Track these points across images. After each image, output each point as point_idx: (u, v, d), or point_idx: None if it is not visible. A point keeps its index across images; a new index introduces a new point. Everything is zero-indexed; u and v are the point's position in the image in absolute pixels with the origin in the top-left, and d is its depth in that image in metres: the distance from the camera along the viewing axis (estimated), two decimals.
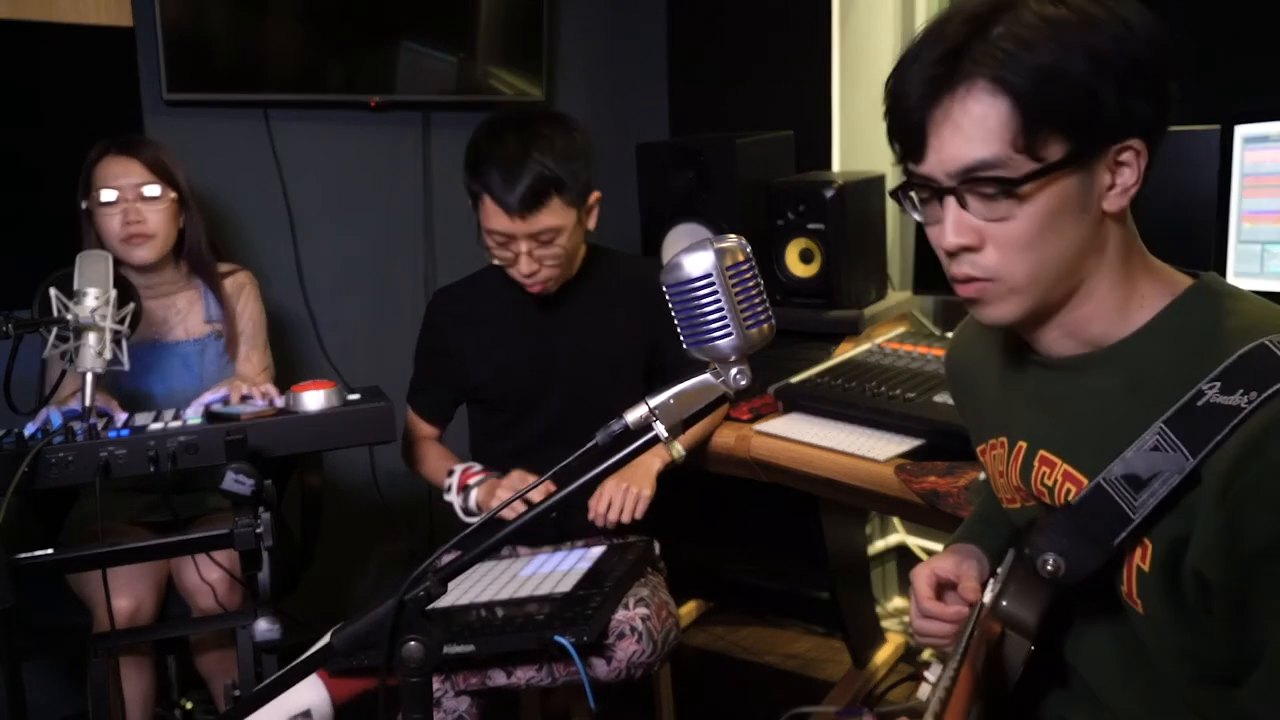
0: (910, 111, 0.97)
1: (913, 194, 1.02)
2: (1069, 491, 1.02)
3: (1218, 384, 0.90)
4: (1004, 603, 1.09)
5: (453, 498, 2.03)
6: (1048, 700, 1.15)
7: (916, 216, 1.03)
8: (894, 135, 1.01)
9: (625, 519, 1.94)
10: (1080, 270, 0.99)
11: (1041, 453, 1.07)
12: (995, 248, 0.98)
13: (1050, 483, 1.05)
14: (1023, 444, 1.10)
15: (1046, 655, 1.10)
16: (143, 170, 2.08)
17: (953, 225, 0.98)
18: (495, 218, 1.90)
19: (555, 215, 1.90)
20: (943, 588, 1.25)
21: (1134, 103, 0.93)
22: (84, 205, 2.08)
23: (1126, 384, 0.99)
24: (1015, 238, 0.96)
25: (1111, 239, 0.99)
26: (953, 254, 1.00)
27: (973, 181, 0.95)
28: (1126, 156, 0.95)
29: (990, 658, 1.07)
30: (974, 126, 0.93)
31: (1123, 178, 0.96)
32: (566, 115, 2.02)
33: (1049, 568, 0.97)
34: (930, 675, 1.29)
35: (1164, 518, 0.92)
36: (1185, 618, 0.94)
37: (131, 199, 2.07)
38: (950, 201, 0.98)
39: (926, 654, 2.46)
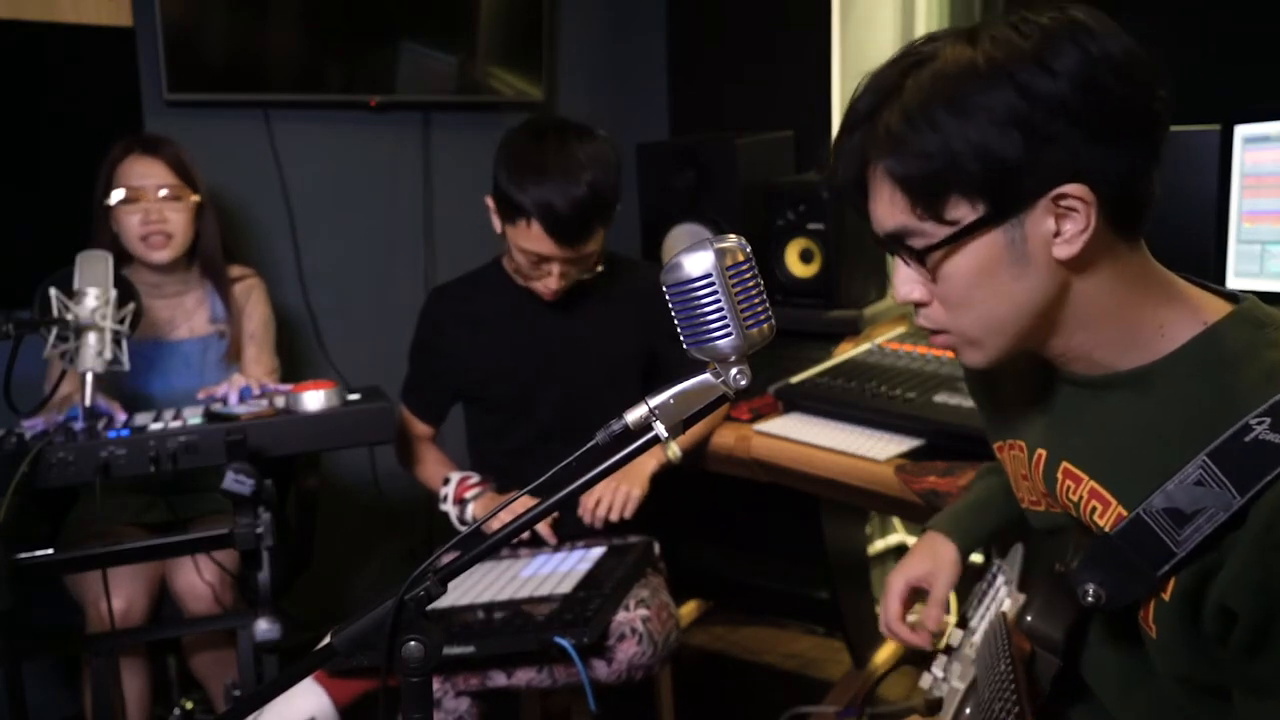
0: (839, 171, 1.00)
1: None
2: (1095, 509, 1.00)
3: (1266, 420, 0.86)
4: (1029, 618, 1.09)
5: (449, 508, 2.03)
6: (1069, 714, 1.14)
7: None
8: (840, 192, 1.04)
9: (614, 517, 1.94)
10: (1048, 316, 0.97)
11: (1065, 465, 1.05)
12: (939, 303, 0.99)
13: (1076, 498, 1.03)
14: (1042, 452, 1.09)
15: (1069, 668, 1.10)
16: (166, 171, 2.09)
17: (901, 281, 1.01)
18: (539, 243, 1.89)
19: (596, 241, 1.93)
20: (917, 593, 1.34)
21: (1054, 151, 0.89)
22: (106, 203, 2.08)
23: (1155, 407, 0.97)
24: (948, 296, 0.97)
25: (1085, 283, 0.95)
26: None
27: (896, 246, 0.98)
28: (1069, 203, 0.90)
29: (1027, 675, 1.07)
30: (883, 200, 0.96)
31: (1072, 223, 0.91)
32: (597, 129, 1.99)
33: (1090, 598, 0.96)
34: (937, 669, 1.29)
35: (1203, 554, 0.90)
36: (1196, 644, 0.92)
37: (153, 199, 2.07)
38: (898, 258, 1.00)
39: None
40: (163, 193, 2.08)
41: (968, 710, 1.13)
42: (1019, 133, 0.88)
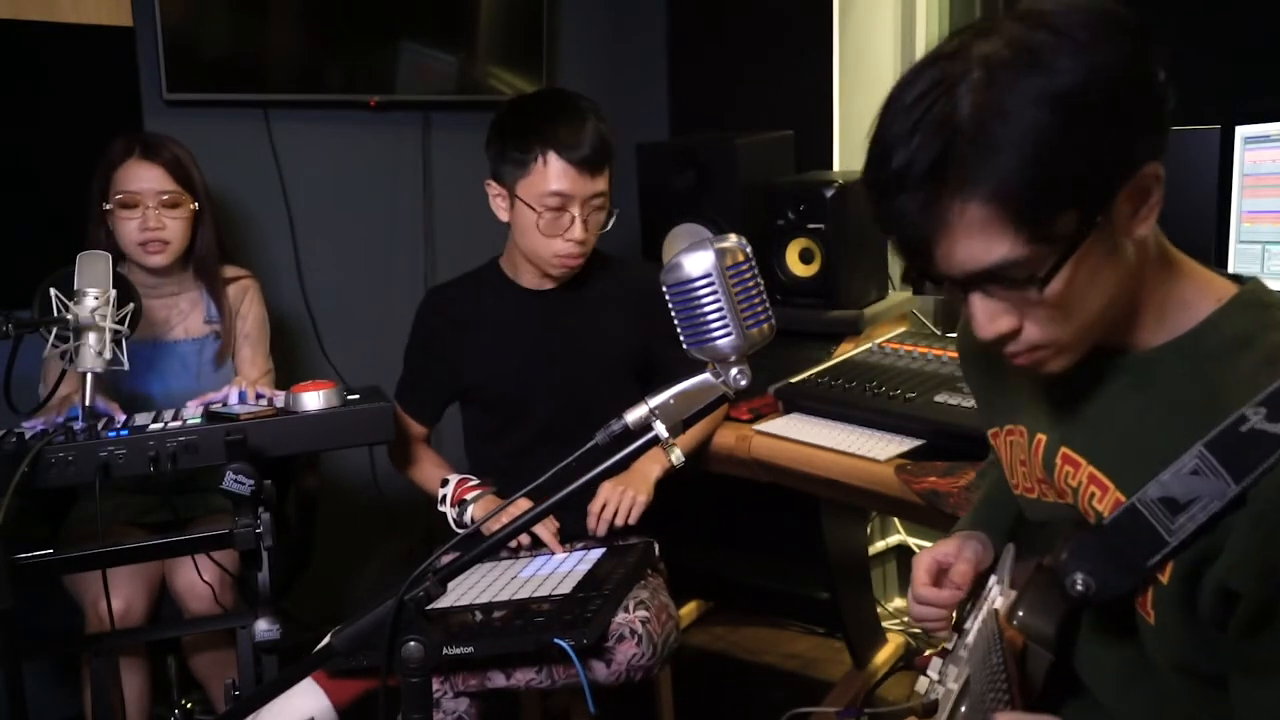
0: (908, 229, 0.91)
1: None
2: (1094, 495, 1.00)
3: (1263, 410, 0.86)
4: (1021, 613, 1.08)
5: (447, 509, 2.03)
6: (1062, 710, 1.14)
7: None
8: (892, 244, 0.95)
9: (620, 523, 1.94)
10: (1124, 298, 0.96)
11: (1064, 450, 1.05)
12: (1035, 323, 0.94)
13: (1075, 484, 1.03)
14: (1042, 437, 1.08)
15: (1062, 662, 1.10)
16: (164, 177, 2.08)
17: (985, 317, 0.94)
18: (559, 177, 1.90)
19: (607, 181, 1.96)
20: (944, 573, 1.26)
21: (1130, 130, 0.87)
22: (104, 206, 2.08)
23: (1156, 392, 0.97)
24: (1054, 312, 0.92)
25: (1146, 260, 0.95)
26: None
27: (995, 279, 0.91)
28: (1145, 182, 0.90)
29: (1020, 669, 1.06)
30: (981, 236, 0.88)
31: (1148, 199, 0.91)
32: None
33: (1079, 588, 0.95)
34: (932, 671, 1.29)
35: (1197, 540, 0.90)
36: (1195, 628, 0.92)
37: (152, 206, 2.07)
38: (975, 296, 0.94)
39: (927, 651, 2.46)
40: (161, 199, 2.07)
41: (963, 709, 1.13)
42: (1098, 115, 0.85)
